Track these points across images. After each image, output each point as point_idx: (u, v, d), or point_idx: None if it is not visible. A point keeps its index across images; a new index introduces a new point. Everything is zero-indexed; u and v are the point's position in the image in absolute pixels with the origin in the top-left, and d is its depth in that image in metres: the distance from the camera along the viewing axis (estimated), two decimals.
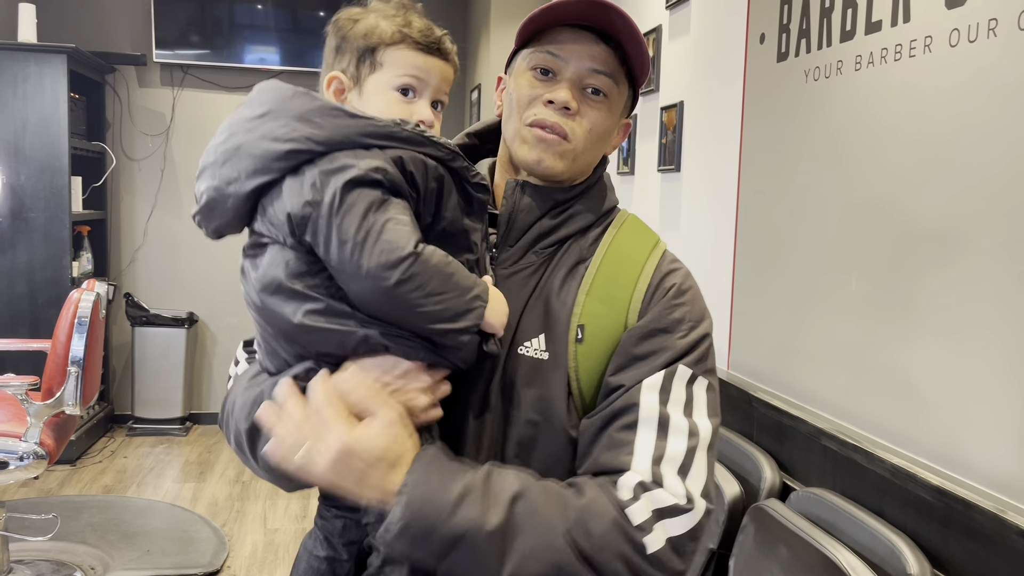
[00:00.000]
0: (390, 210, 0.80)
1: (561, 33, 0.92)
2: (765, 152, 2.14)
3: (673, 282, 0.93)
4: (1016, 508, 1.28)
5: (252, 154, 0.83)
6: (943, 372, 1.47)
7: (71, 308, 2.72)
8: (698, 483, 0.84)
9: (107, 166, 4.95)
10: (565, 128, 0.91)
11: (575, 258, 0.94)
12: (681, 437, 0.85)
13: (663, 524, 0.82)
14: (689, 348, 0.90)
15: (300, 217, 0.80)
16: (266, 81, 0.90)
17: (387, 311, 0.81)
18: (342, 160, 0.80)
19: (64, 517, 3.45)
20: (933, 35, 1.50)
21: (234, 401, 0.93)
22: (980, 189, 1.39)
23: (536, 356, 0.90)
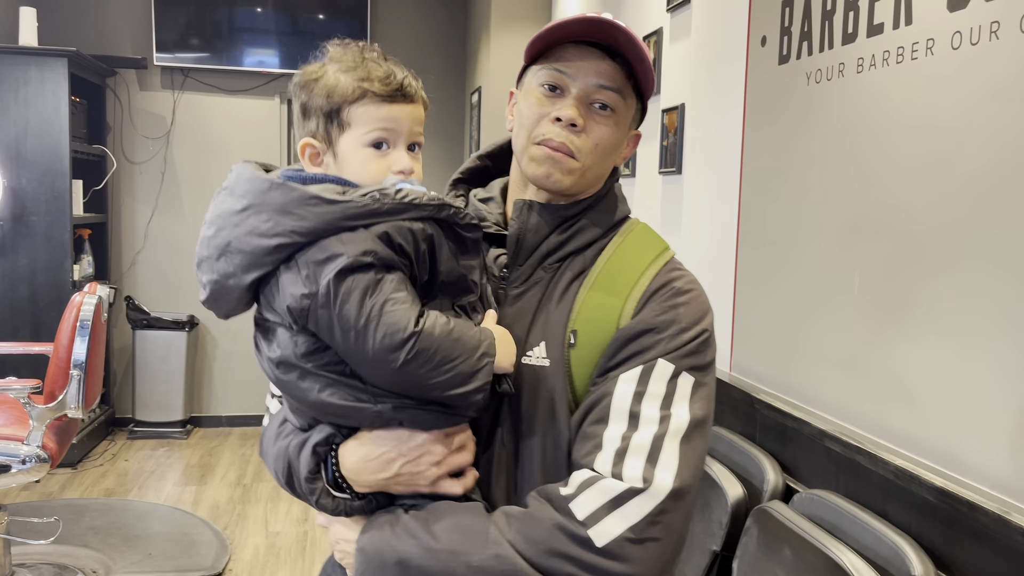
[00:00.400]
0: (385, 289, 0.81)
1: (568, 50, 0.93)
2: (767, 154, 2.14)
3: (672, 286, 0.93)
4: (1020, 509, 1.28)
5: (242, 250, 0.86)
6: (946, 373, 1.47)
7: (73, 311, 2.72)
8: (667, 470, 0.82)
9: (108, 169, 4.96)
10: (571, 146, 0.93)
11: (578, 269, 0.96)
12: (650, 427, 0.84)
13: (616, 514, 0.80)
14: (678, 346, 0.89)
15: (299, 310, 0.82)
16: (241, 166, 0.91)
17: (400, 387, 0.84)
18: (330, 248, 0.82)
19: (66, 520, 3.45)
20: (935, 38, 1.50)
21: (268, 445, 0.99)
22: (982, 191, 1.39)
23: (538, 364, 0.92)
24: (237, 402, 5.32)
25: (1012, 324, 1.33)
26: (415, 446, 0.87)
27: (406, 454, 0.87)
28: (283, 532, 3.65)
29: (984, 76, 1.39)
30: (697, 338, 0.90)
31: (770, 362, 2.11)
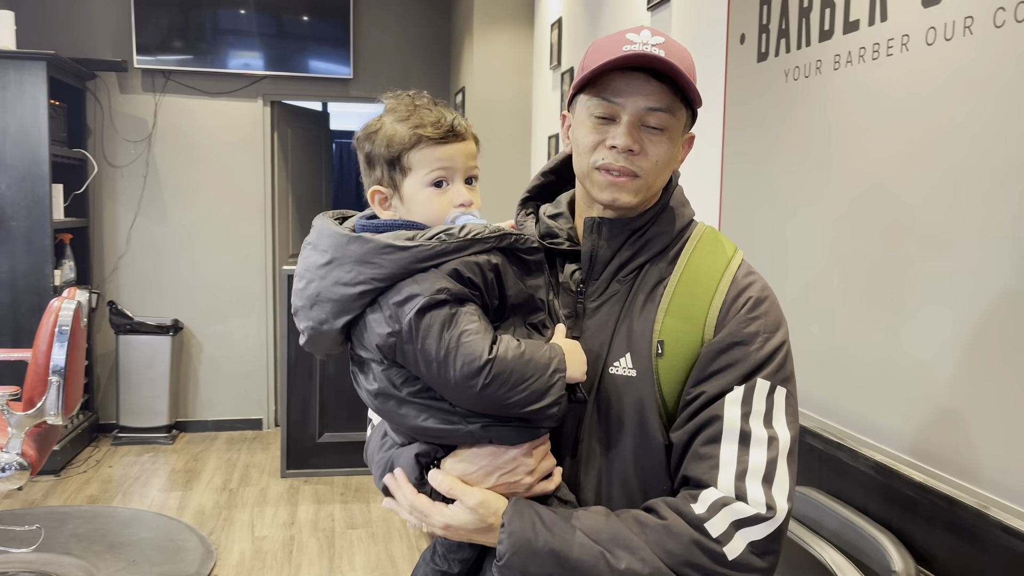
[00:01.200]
0: (461, 322, 0.91)
1: (615, 80, 0.98)
2: (746, 153, 2.14)
3: (749, 295, 1.00)
4: (999, 504, 1.29)
5: (331, 299, 0.95)
6: (925, 369, 1.48)
7: (51, 317, 2.69)
8: (782, 491, 0.93)
9: (89, 173, 4.92)
10: (632, 168, 0.98)
11: (655, 279, 1.02)
12: (762, 448, 0.93)
13: (742, 532, 0.90)
14: (766, 359, 0.97)
15: (387, 347, 0.92)
16: (319, 221, 1.01)
17: (483, 408, 0.93)
18: (407, 290, 0.91)
19: (49, 528, 3.42)
20: (910, 34, 1.50)
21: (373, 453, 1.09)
22: (959, 186, 1.40)
23: (625, 374, 0.99)
24: (223, 406, 5.29)
25: (990, 319, 1.33)
26: (509, 459, 0.96)
27: (502, 467, 0.96)
28: (269, 536, 3.63)
29: (958, 71, 1.39)
30: (780, 348, 0.98)
31: None
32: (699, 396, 0.96)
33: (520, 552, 0.92)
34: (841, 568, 1.42)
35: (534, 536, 0.92)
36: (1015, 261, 1.28)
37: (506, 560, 0.93)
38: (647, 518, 0.94)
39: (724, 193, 2.27)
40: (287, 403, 4.34)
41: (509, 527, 0.93)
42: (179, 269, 5.17)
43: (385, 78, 5.39)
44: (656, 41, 0.98)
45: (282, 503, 4.04)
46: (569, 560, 0.91)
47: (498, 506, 0.95)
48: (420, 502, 0.98)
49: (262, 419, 5.35)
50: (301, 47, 5.22)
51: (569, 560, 0.91)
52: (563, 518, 0.94)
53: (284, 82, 5.26)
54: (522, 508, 0.95)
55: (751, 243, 2.12)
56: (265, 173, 5.25)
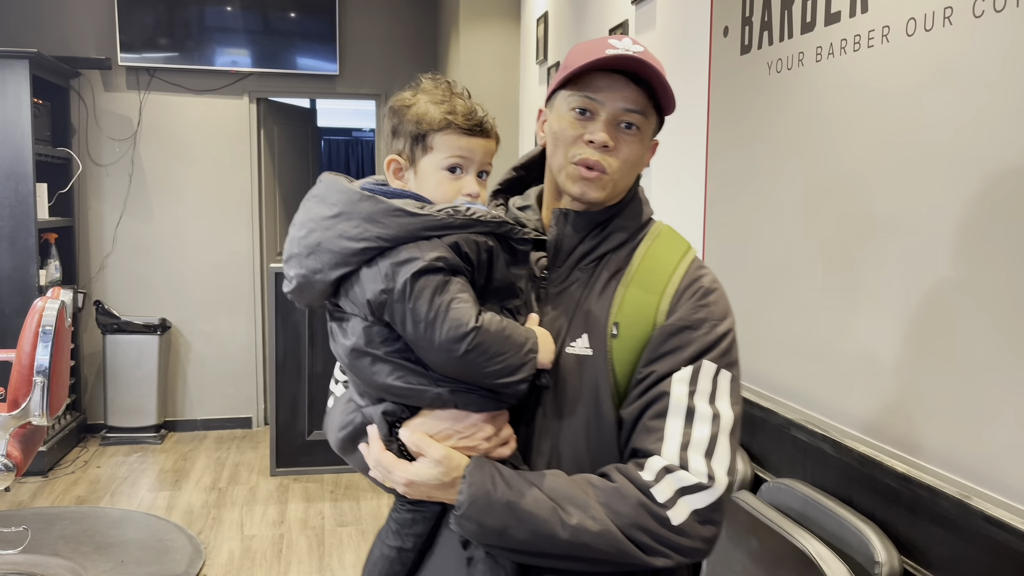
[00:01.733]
0: (452, 289, 0.96)
1: (597, 79, 1.05)
2: (731, 145, 2.14)
3: (700, 285, 1.07)
4: (980, 493, 1.29)
5: (332, 250, 0.99)
6: (908, 360, 1.48)
7: (35, 317, 2.67)
8: (722, 464, 0.99)
9: (73, 172, 4.88)
10: (604, 164, 1.05)
11: (614, 268, 1.09)
12: (706, 424, 1.00)
13: (686, 500, 0.97)
14: (713, 343, 1.04)
15: (378, 303, 0.97)
16: (330, 177, 1.05)
17: (458, 373, 0.99)
18: (407, 253, 0.96)
19: (36, 529, 3.40)
20: (890, 25, 1.50)
21: (333, 419, 1.13)
22: (939, 176, 1.40)
23: (581, 353, 1.05)
24: (212, 405, 5.27)
25: (971, 310, 1.34)
26: (469, 424, 1.01)
27: (461, 431, 1.01)
28: (259, 535, 3.62)
29: (939, 62, 1.39)
30: (726, 335, 1.05)
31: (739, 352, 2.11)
32: (650, 375, 1.02)
33: (478, 503, 0.97)
34: (824, 559, 1.42)
35: (493, 488, 0.97)
36: (1000, 249, 1.29)
37: (465, 510, 0.97)
38: (599, 481, 1.00)
39: (708, 184, 2.26)
40: (276, 401, 4.32)
41: (470, 479, 0.98)
42: (166, 268, 5.14)
43: (372, 74, 5.37)
44: (636, 49, 1.04)
45: (271, 501, 4.02)
46: (524, 512, 0.96)
47: (460, 462, 1.00)
48: (386, 458, 1.02)
49: (251, 418, 5.33)
50: (287, 44, 5.19)
51: (524, 512, 0.96)
52: (521, 475, 1.00)
53: (270, 79, 5.23)
54: (483, 463, 1.00)
55: (735, 234, 2.12)
56: (252, 171, 5.23)
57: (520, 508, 0.96)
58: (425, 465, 1.00)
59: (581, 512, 0.96)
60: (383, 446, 1.03)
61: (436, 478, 1.00)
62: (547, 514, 0.96)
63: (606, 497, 0.97)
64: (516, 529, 0.96)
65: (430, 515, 1.10)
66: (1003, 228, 1.27)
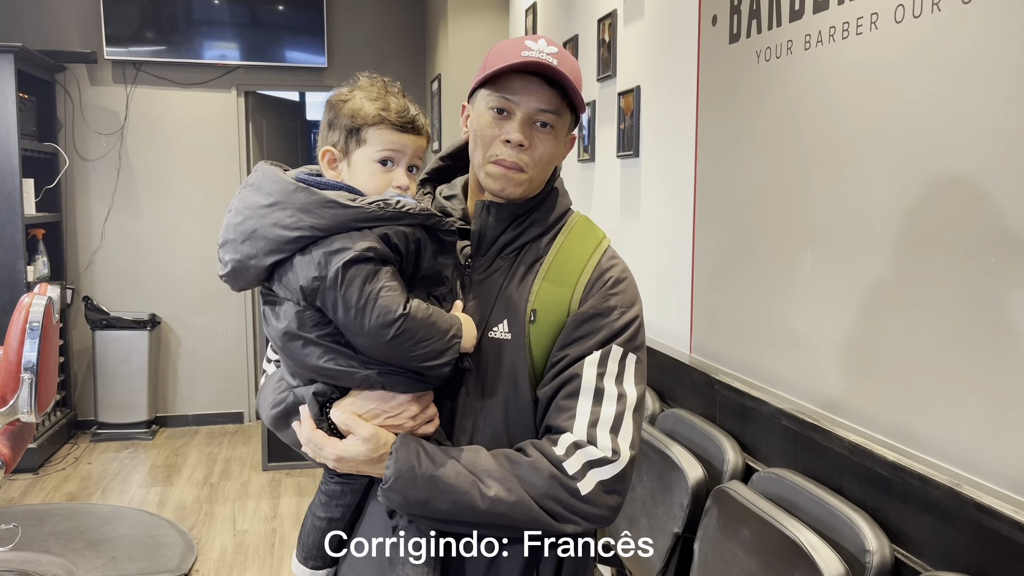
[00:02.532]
0: (381, 278, 1.01)
1: (514, 80, 1.11)
2: (720, 134, 2.13)
3: (610, 275, 1.15)
4: (971, 481, 1.29)
5: (266, 237, 1.03)
6: (897, 349, 1.48)
7: (22, 313, 2.65)
8: (625, 439, 1.08)
9: (60, 167, 4.84)
10: (520, 162, 1.12)
11: (533, 257, 1.16)
12: (612, 403, 1.09)
13: (593, 472, 1.05)
14: (621, 329, 1.12)
15: (310, 289, 1.01)
16: (265, 167, 1.09)
17: (386, 357, 1.04)
18: (339, 243, 1.01)
19: (27, 526, 3.38)
20: (879, 11, 1.50)
21: (265, 398, 1.19)
22: (927, 163, 1.39)
23: (501, 337, 1.13)
24: (203, 400, 5.25)
25: (961, 297, 1.33)
26: (395, 404, 1.07)
27: (388, 411, 1.07)
28: (251, 530, 3.61)
29: (927, 48, 1.39)
30: (633, 322, 1.14)
31: (729, 343, 2.11)
32: (563, 358, 1.10)
33: (403, 476, 1.03)
34: (816, 548, 1.42)
35: (417, 463, 1.04)
36: (988, 236, 1.28)
37: (391, 484, 1.04)
38: (516, 455, 1.07)
39: (699, 173, 2.26)
40: None
41: (396, 455, 1.05)
42: (155, 263, 5.11)
43: (360, 66, 5.28)
44: (551, 51, 1.10)
45: (264, 496, 4.01)
46: (445, 485, 1.03)
47: (387, 439, 1.07)
48: (316, 436, 1.08)
49: (243, 412, 5.32)
50: (275, 36, 5.15)
51: (445, 485, 1.03)
52: (444, 451, 1.07)
53: (258, 72, 5.20)
54: (408, 441, 1.07)
55: (725, 222, 2.11)
56: (240, 164, 5.20)
57: (442, 481, 1.03)
58: (354, 443, 1.06)
59: (498, 484, 1.04)
60: (314, 425, 1.08)
61: (365, 454, 1.06)
62: (467, 486, 1.03)
63: (522, 470, 1.05)
64: (438, 500, 1.03)
65: (358, 487, 1.17)
66: (991, 215, 1.27)
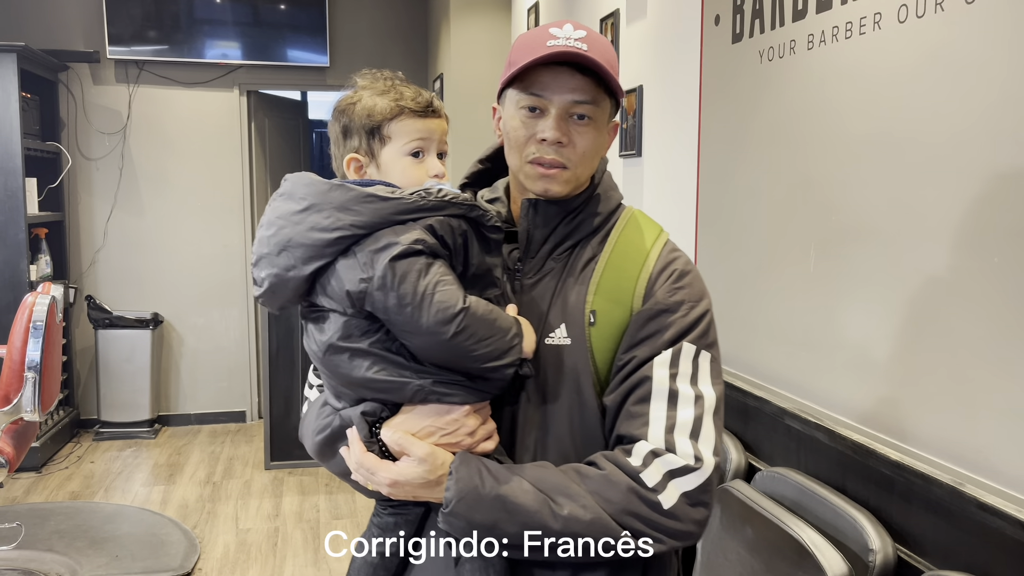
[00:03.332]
0: (435, 272, 0.95)
1: (542, 74, 1.03)
2: (723, 134, 2.14)
3: (674, 268, 1.06)
4: (973, 480, 1.29)
5: (304, 244, 0.97)
6: (900, 349, 1.48)
7: (26, 312, 2.66)
8: (708, 444, 0.99)
9: (63, 166, 4.85)
10: (561, 159, 1.03)
11: (588, 256, 1.08)
12: (689, 406, 0.99)
13: (675, 483, 0.96)
14: (691, 325, 1.03)
15: (358, 292, 0.94)
16: (296, 175, 1.02)
17: (445, 358, 0.97)
18: (385, 239, 0.94)
19: (30, 525, 3.39)
20: (882, 12, 1.50)
21: (308, 424, 1.11)
22: (931, 164, 1.40)
23: (560, 343, 1.04)
24: (205, 399, 5.25)
25: (964, 297, 1.34)
26: (450, 420, 0.99)
27: (443, 427, 0.99)
28: (254, 529, 3.62)
29: (931, 49, 1.39)
30: (703, 316, 1.05)
31: (732, 342, 2.11)
32: (630, 360, 1.02)
33: (466, 498, 0.95)
34: (819, 547, 1.42)
35: (480, 483, 0.95)
36: (989, 236, 1.29)
37: (452, 507, 0.95)
38: (587, 469, 0.99)
39: (701, 173, 2.26)
40: (270, 395, 4.31)
41: (456, 475, 0.96)
42: (158, 262, 5.12)
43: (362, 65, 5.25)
44: (578, 35, 1.02)
45: (266, 495, 4.02)
46: (514, 505, 0.94)
47: (445, 458, 0.98)
48: (367, 460, 1.00)
49: (245, 411, 5.32)
50: (277, 36, 5.16)
51: (514, 505, 0.94)
52: (508, 468, 0.98)
53: (260, 71, 5.20)
54: (468, 459, 0.98)
55: (728, 222, 2.12)
56: (243, 163, 5.20)
57: (510, 501, 0.94)
58: (409, 464, 0.98)
59: (571, 502, 0.95)
60: (364, 447, 1.00)
61: (421, 476, 0.97)
62: (537, 506, 0.94)
63: (595, 485, 0.96)
64: (507, 523, 0.94)
65: (413, 518, 1.07)
66: (995, 217, 1.27)
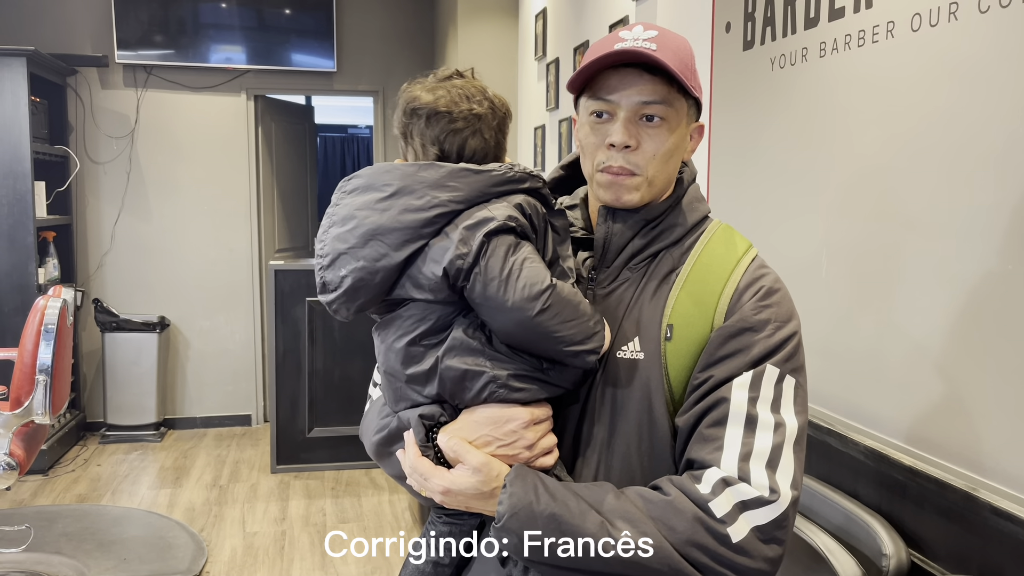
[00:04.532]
0: (525, 249, 0.94)
1: (609, 78, 0.99)
2: (733, 141, 2.15)
3: (761, 285, 0.99)
4: (987, 486, 1.30)
5: (397, 228, 0.94)
6: (914, 354, 1.49)
7: (37, 316, 2.67)
8: (786, 476, 0.91)
9: (71, 170, 4.87)
10: (629, 166, 0.99)
11: (668, 268, 1.02)
12: (768, 433, 0.92)
13: (746, 515, 0.89)
14: (776, 347, 0.96)
15: (455, 269, 0.93)
16: (372, 167, 1.00)
17: (527, 338, 0.94)
18: (480, 214, 0.94)
19: (38, 527, 3.40)
20: (895, 20, 1.51)
21: (369, 424, 1.09)
22: (944, 172, 1.41)
23: (632, 357, 0.99)
24: (211, 403, 5.27)
25: (977, 303, 1.34)
26: (509, 431, 0.95)
27: (501, 439, 0.95)
28: (261, 532, 3.62)
29: (943, 58, 1.40)
30: (791, 338, 0.97)
31: None
32: (707, 380, 0.95)
33: (519, 514, 0.90)
34: (833, 552, 1.43)
35: (535, 499, 0.90)
36: (1000, 244, 1.29)
37: (505, 521, 0.90)
38: (651, 494, 0.92)
39: (711, 182, 2.27)
40: (276, 398, 4.32)
41: (511, 488, 0.92)
42: (165, 266, 5.14)
43: (369, 71, 5.37)
44: (648, 35, 0.98)
45: (273, 499, 4.03)
46: (569, 526, 0.89)
47: (500, 470, 0.94)
48: (422, 465, 0.96)
49: (251, 415, 5.33)
50: (284, 40, 5.18)
51: (569, 526, 0.89)
52: (565, 487, 0.93)
53: (267, 76, 5.22)
54: (524, 472, 0.93)
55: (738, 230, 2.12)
56: (249, 168, 5.22)
57: (564, 521, 0.89)
58: (463, 473, 0.94)
59: (631, 527, 0.89)
60: (419, 451, 0.97)
61: (475, 487, 0.93)
62: (594, 528, 0.89)
63: (659, 511, 0.90)
64: (560, 544, 0.89)
65: (468, 528, 1.04)
66: (1008, 223, 1.28)
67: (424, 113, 1.01)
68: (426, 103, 1.02)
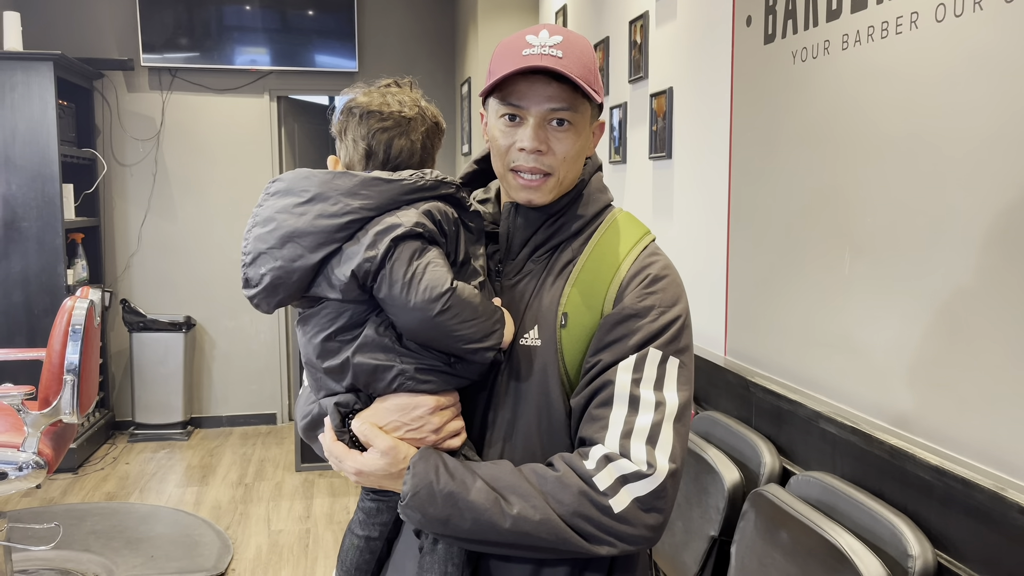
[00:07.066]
0: (429, 254, 1.00)
1: (518, 83, 1.04)
2: (755, 135, 2.12)
3: (648, 273, 1.06)
4: (1015, 485, 1.27)
5: (313, 232, 1.01)
6: (939, 352, 1.46)
7: (65, 316, 2.71)
8: (664, 451, 1.00)
9: (98, 172, 4.94)
10: (542, 167, 1.05)
11: (567, 259, 1.10)
12: (649, 412, 1.01)
13: (627, 488, 0.97)
14: (659, 331, 1.03)
15: (363, 272, 0.99)
16: (292, 172, 1.06)
17: (430, 335, 1.01)
18: (388, 221, 1.00)
19: (67, 525, 3.45)
20: (919, 11, 1.48)
21: (300, 409, 1.17)
22: (969, 165, 1.38)
23: (531, 344, 1.07)
24: (237, 402, 5.31)
25: (1003, 303, 1.32)
26: (416, 417, 1.03)
27: (409, 423, 1.03)
28: (285, 530, 3.65)
29: (969, 48, 1.37)
30: (674, 322, 1.05)
31: (764, 345, 2.10)
32: (596, 364, 1.03)
33: (420, 493, 0.98)
34: (857, 553, 1.40)
35: (436, 479, 0.99)
36: None
37: (408, 500, 0.99)
38: (543, 470, 1.01)
39: (733, 177, 2.25)
40: None
41: (414, 469, 1.00)
42: (190, 266, 5.19)
43: (391, 70, 5.33)
44: (554, 42, 1.03)
45: (297, 497, 4.06)
46: (465, 502, 0.97)
47: (407, 452, 1.02)
48: (337, 448, 1.05)
49: (276, 413, 5.37)
50: (306, 41, 5.21)
51: (465, 502, 0.97)
52: (465, 466, 1.01)
53: (290, 77, 5.26)
54: (428, 455, 1.02)
55: (760, 225, 2.10)
56: (273, 168, 5.26)
57: (461, 498, 0.97)
58: (373, 456, 1.02)
59: (522, 501, 0.97)
60: (335, 436, 1.05)
61: (383, 468, 1.01)
62: (489, 504, 0.97)
63: (548, 486, 0.98)
64: (458, 519, 0.98)
65: (394, 504, 1.12)
66: None
67: (358, 112, 1.09)
68: (360, 103, 1.09)
